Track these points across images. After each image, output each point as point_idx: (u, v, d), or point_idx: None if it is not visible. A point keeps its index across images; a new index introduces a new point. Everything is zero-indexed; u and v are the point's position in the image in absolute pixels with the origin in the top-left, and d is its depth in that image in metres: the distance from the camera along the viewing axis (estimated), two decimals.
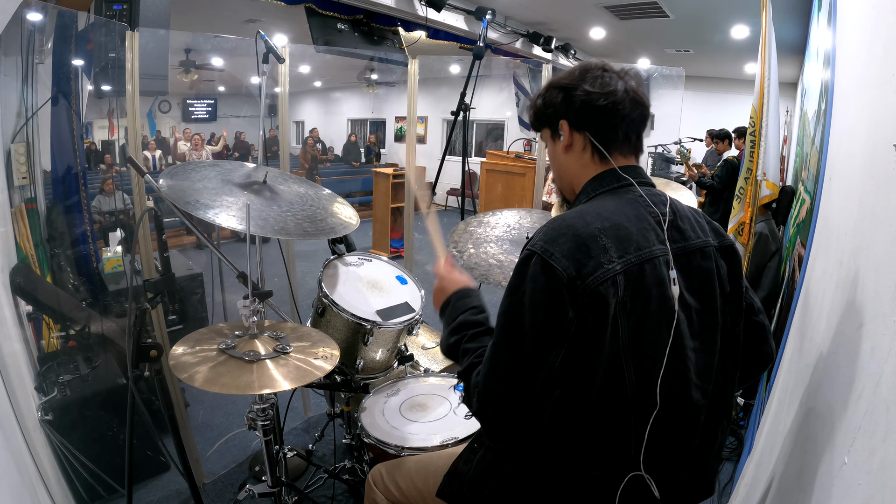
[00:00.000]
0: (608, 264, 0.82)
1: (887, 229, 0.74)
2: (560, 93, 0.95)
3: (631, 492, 0.86)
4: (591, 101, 0.92)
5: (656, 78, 7.19)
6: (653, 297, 0.84)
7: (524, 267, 0.85)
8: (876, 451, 0.62)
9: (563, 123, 0.96)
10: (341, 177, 9.45)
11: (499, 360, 0.85)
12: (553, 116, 0.97)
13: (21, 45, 2.06)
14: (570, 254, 0.82)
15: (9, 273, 1.74)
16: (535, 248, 0.84)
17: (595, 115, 0.93)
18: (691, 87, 6.89)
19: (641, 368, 0.83)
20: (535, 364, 0.83)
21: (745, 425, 2.46)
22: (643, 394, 0.84)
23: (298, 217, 1.50)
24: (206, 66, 7.44)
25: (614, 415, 0.84)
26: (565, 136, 0.97)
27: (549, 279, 0.81)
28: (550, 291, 0.81)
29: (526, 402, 0.84)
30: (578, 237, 0.83)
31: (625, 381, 0.83)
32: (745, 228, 2.44)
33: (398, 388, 1.74)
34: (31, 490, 1.39)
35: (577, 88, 0.93)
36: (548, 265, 0.82)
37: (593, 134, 0.94)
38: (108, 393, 1.97)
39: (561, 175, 1.03)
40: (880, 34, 0.94)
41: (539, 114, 1.01)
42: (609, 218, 0.86)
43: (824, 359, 1.01)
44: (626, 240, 0.85)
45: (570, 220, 0.87)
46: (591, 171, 0.96)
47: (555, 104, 0.96)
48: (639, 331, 0.83)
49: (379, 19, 4.29)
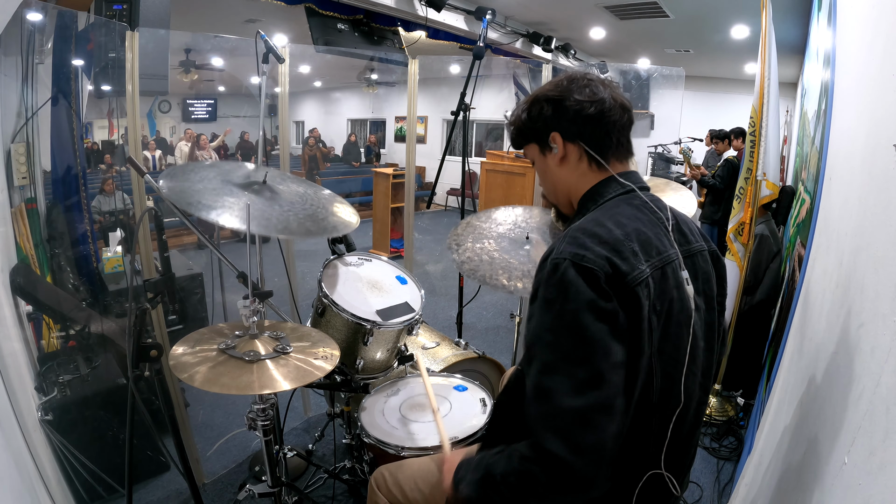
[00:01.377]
0: (640, 266, 0.82)
1: (887, 229, 0.74)
2: (549, 105, 0.94)
3: (648, 491, 0.88)
4: (583, 110, 0.92)
5: (656, 78, 7.21)
6: (675, 300, 0.86)
7: (555, 276, 0.80)
8: (876, 451, 0.62)
9: (556, 135, 0.95)
10: (341, 177, 9.45)
11: (556, 383, 0.76)
12: (542, 130, 0.96)
13: (21, 45, 2.05)
14: (602, 255, 0.80)
15: (9, 273, 1.74)
16: (564, 255, 0.81)
17: (588, 124, 0.93)
18: (691, 87, 6.89)
19: (665, 370, 0.85)
20: (601, 366, 0.76)
21: (745, 425, 2.46)
22: (666, 394, 0.86)
23: (300, 216, 1.50)
24: (206, 66, 7.44)
25: (641, 417, 0.85)
26: (559, 147, 0.95)
27: (588, 279, 0.78)
28: (594, 289, 0.78)
29: (602, 413, 0.76)
30: (606, 242, 0.82)
31: (653, 383, 0.84)
32: (745, 228, 2.44)
33: (398, 388, 1.74)
34: (31, 490, 1.38)
35: (567, 99, 0.92)
36: (583, 268, 0.79)
37: (587, 143, 0.94)
38: (108, 393, 1.97)
39: (556, 189, 1.01)
40: (880, 34, 0.94)
41: (524, 129, 0.99)
42: (627, 224, 0.87)
43: (824, 359, 1.01)
44: (648, 244, 0.86)
45: (591, 228, 0.85)
46: (590, 180, 0.96)
47: (544, 117, 0.95)
48: (665, 333, 0.84)
49: (379, 19, 4.29)
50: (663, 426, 0.87)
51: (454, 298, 2.53)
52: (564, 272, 0.79)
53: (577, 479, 0.74)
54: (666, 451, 0.88)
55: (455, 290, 2.50)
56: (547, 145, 0.97)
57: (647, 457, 0.87)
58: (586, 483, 0.75)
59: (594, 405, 0.75)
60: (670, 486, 0.89)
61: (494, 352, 3.13)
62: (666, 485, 0.89)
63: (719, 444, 2.39)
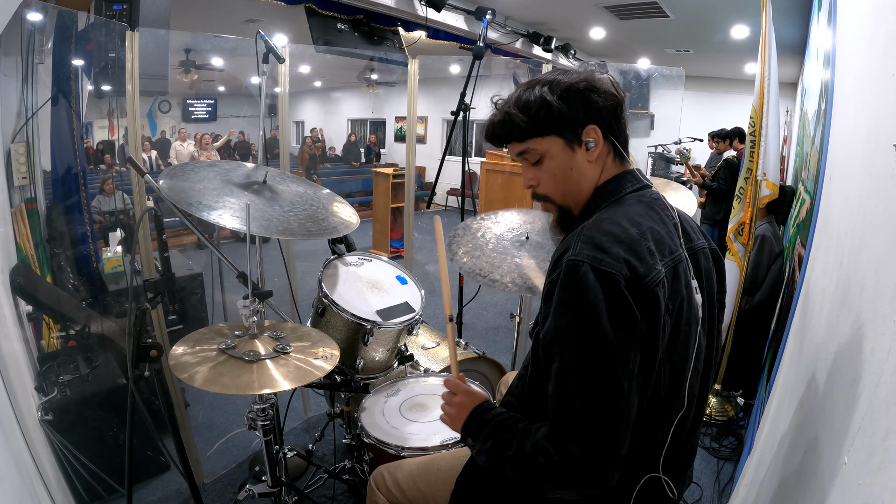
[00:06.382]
0: (657, 266, 0.81)
1: (887, 229, 0.74)
2: (584, 95, 0.88)
3: (647, 493, 0.88)
4: (615, 104, 0.90)
5: (656, 78, 7.21)
6: (685, 298, 0.85)
7: (573, 279, 0.78)
8: (876, 451, 0.62)
9: (595, 129, 0.89)
10: (341, 177, 9.45)
11: (573, 388, 0.77)
12: (578, 121, 0.88)
13: (21, 45, 2.05)
14: (620, 257, 0.78)
15: (9, 273, 1.74)
16: (581, 257, 0.78)
17: (615, 118, 0.91)
18: (691, 87, 6.89)
19: (674, 369, 0.85)
20: (619, 374, 0.76)
21: (745, 425, 2.46)
22: (672, 394, 0.86)
23: (301, 217, 1.50)
24: (206, 66, 7.44)
25: (648, 418, 0.84)
26: (598, 142, 0.89)
27: (607, 284, 0.76)
28: (613, 295, 0.76)
29: (620, 419, 0.76)
30: (623, 242, 0.80)
31: (661, 382, 0.84)
32: (745, 228, 2.44)
33: (398, 388, 1.74)
34: (31, 490, 1.38)
35: (599, 91, 0.88)
36: (601, 272, 0.77)
37: (616, 137, 0.92)
38: (108, 393, 1.97)
39: (580, 187, 0.93)
40: (880, 34, 0.94)
41: (549, 119, 0.88)
42: (641, 223, 0.85)
43: (824, 359, 1.01)
44: (661, 243, 0.85)
45: (607, 227, 0.83)
46: (605, 177, 0.94)
47: (586, 107, 0.88)
48: (675, 331, 0.84)
49: (379, 19, 4.29)
50: (667, 424, 0.86)
51: (454, 298, 2.54)
52: (583, 277, 0.77)
53: (591, 478, 0.76)
54: (668, 449, 0.87)
55: (455, 290, 2.50)
56: (577, 139, 0.89)
57: (651, 455, 0.87)
58: (601, 482, 0.76)
59: (613, 412, 0.75)
60: (667, 489, 0.88)
61: (494, 352, 3.13)
62: (667, 483, 0.89)
63: (719, 444, 2.39)
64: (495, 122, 0.94)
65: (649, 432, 0.86)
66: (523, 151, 0.93)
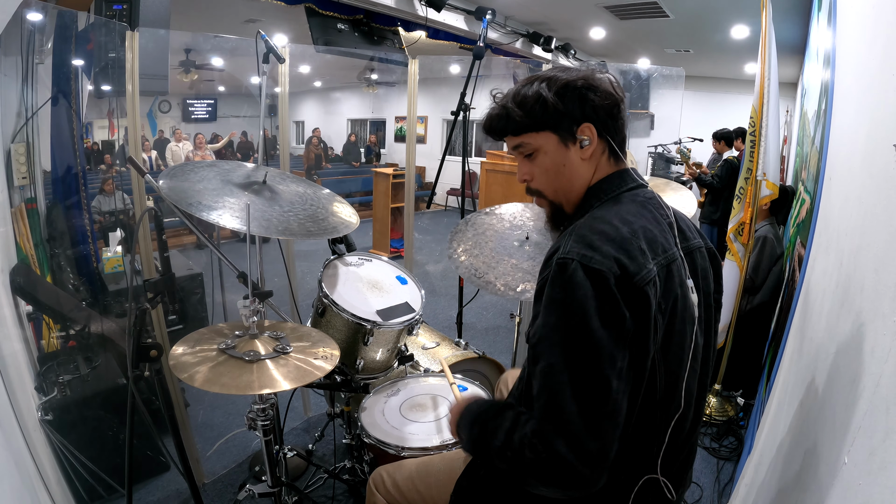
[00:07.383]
0: (648, 265, 0.81)
1: (887, 229, 0.74)
2: (584, 93, 0.88)
3: (645, 494, 0.88)
4: (613, 103, 0.90)
5: (656, 78, 7.21)
6: (679, 297, 0.85)
7: (562, 276, 0.79)
8: (876, 451, 0.62)
9: (590, 127, 0.89)
10: (341, 177, 9.45)
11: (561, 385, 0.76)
12: (573, 119, 0.89)
13: (21, 45, 2.05)
14: (610, 255, 0.78)
15: (9, 273, 1.73)
16: (571, 255, 0.79)
17: (611, 117, 0.91)
18: (691, 87, 6.89)
19: (669, 368, 0.85)
20: (607, 373, 0.75)
21: (745, 425, 2.46)
22: (668, 394, 0.85)
23: (301, 217, 1.50)
24: (206, 66, 7.43)
25: (644, 419, 0.84)
26: (592, 140, 0.90)
27: (596, 282, 0.77)
28: (602, 293, 0.76)
29: (608, 420, 0.76)
30: (614, 241, 0.80)
31: (657, 383, 0.83)
32: (745, 228, 2.44)
33: (398, 388, 1.74)
34: (31, 490, 1.38)
35: (596, 90, 0.89)
36: (591, 269, 0.77)
37: (612, 136, 0.92)
38: (108, 393, 1.97)
39: (572, 184, 0.93)
40: (880, 34, 0.94)
41: (544, 115, 0.89)
42: (634, 221, 0.85)
43: (824, 359, 1.01)
44: (654, 242, 0.85)
45: (598, 225, 0.83)
46: (599, 176, 0.94)
47: (582, 105, 0.88)
48: (670, 331, 0.84)
49: (379, 19, 4.29)
50: (664, 425, 0.86)
51: (454, 298, 2.53)
52: (573, 274, 0.77)
53: (577, 479, 0.75)
54: (667, 449, 0.87)
55: (455, 290, 2.50)
56: (571, 136, 0.90)
57: (649, 456, 0.87)
58: (587, 484, 0.75)
59: (601, 412, 0.75)
60: (665, 491, 0.88)
61: (494, 352, 3.13)
62: (665, 484, 0.89)
63: (719, 444, 2.39)
64: (493, 116, 0.95)
65: (646, 433, 0.85)
66: (518, 145, 0.94)
